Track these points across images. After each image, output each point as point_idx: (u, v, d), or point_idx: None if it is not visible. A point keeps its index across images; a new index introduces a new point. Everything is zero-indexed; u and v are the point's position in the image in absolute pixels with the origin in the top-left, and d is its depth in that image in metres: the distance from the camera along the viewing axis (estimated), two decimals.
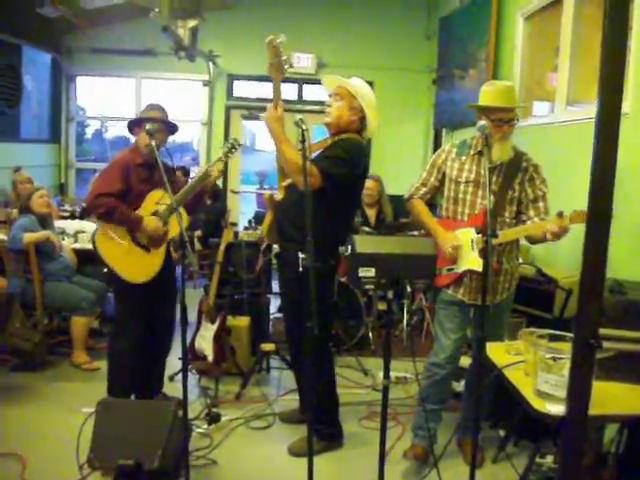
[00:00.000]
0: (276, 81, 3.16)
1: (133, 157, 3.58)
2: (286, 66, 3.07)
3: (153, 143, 2.98)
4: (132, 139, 3.74)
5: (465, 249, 3.12)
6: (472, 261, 3.08)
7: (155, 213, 3.56)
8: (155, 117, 3.55)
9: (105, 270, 3.61)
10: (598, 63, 1.55)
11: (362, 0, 8.08)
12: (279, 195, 3.44)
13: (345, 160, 3.18)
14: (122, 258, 3.54)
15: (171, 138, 3.86)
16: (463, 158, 3.21)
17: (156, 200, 3.52)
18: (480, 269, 2.85)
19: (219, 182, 8.00)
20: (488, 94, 3.08)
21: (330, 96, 3.33)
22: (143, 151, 3.58)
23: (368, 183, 5.86)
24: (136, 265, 3.56)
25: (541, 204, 3.12)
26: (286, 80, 3.34)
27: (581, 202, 1.62)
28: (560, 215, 2.78)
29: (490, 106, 3.03)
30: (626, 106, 3.36)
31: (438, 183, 3.31)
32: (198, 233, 7.22)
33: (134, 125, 3.62)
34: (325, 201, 3.14)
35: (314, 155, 3.31)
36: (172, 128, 3.66)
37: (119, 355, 3.65)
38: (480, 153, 3.10)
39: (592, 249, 1.63)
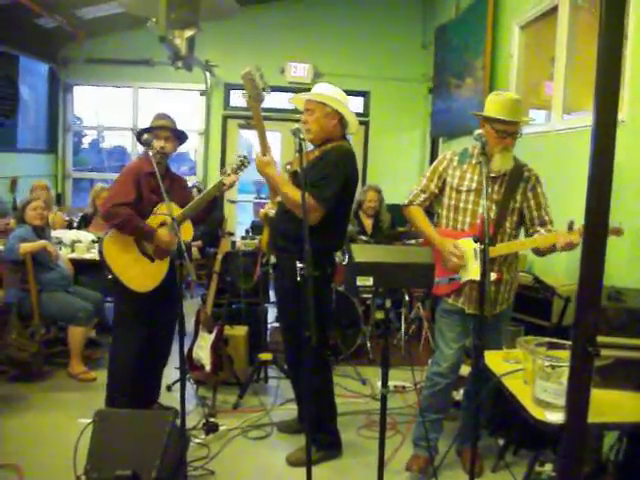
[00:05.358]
0: (256, 110, 3.24)
1: (143, 165, 3.59)
2: (264, 93, 3.20)
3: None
4: (131, 148, 3.75)
5: (468, 259, 3.08)
6: (475, 271, 2.98)
7: (164, 224, 3.57)
8: (165, 125, 3.62)
9: (110, 277, 3.61)
10: (594, 71, 1.55)
11: (358, 10, 8.13)
12: (272, 210, 3.48)
13: (335, 176, 3.22)
14: (128, 266, 3.58)
15: None
16: (465, 167, 3.19)
17: (156, 210, 3.55)
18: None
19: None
20: (494, 104, 3.03)
21: (304, 112, 3.37)
22: (153, 159, 3.55)
23: (370, 195, 5.89)
24: (141, 274, 3.60)
25: (546, 217, 3.12)
26: (283, 90, 3.38)
27: (579, 211, 1.62)
28: (570, 227, 2.76)
29: (494, 117, 3.01)
30: (622, 114, 3.37)
31: (437, 190, 3.28)
32: (198, 244, 7.20)
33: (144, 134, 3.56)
34: None
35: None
36: (181, 137, 3.72)
37: (119, 362, 3.65)
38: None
39: (590, 257, 1.63)
